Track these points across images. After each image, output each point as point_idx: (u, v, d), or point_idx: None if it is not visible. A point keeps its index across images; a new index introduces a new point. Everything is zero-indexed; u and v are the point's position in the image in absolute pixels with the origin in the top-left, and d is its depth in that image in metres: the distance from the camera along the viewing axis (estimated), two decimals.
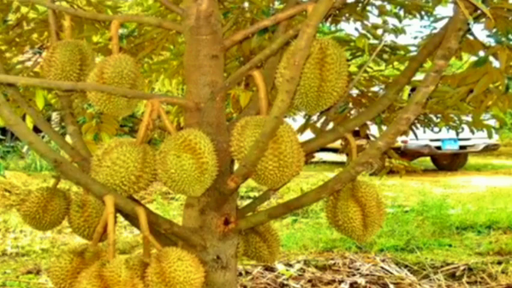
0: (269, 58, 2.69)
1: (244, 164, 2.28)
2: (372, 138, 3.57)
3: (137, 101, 2.52)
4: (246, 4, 3.28)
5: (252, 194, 9.67)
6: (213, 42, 2.54)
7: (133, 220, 2.60)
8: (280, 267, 5.81)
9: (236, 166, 2.49)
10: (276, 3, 3.59)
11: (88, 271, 2.18)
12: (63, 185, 3.03)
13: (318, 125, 3.05)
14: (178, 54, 3.75)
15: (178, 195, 9.37)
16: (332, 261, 6.09)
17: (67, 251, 2.44)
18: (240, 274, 5.44)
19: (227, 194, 2.51)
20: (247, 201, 2.99)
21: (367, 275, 5.67)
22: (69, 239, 7.28)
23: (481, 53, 2.81)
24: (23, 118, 2.95)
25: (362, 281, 5.47)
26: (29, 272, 5.97)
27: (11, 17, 3.60)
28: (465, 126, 3.53)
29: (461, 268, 5.90)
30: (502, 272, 5.79)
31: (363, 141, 3.54)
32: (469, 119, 3.47)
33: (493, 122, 4.09)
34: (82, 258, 2.40)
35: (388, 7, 3.31)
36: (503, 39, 2.74)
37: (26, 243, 7.12)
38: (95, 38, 3.67)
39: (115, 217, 2.31)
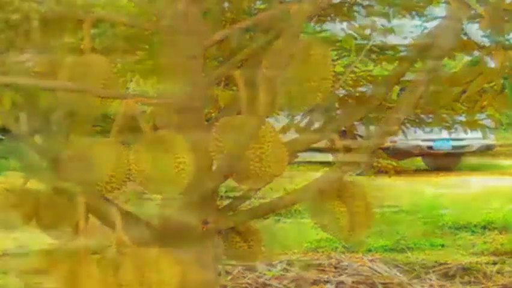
0: (250, 58, 2.65)
1: (223, 164, 2.24)
2: (359, 139, 3.53)
3: (110, 100, 2.47)
4: (227, 4, 3.22)
5: (231, 194, 9.54)
6: (191, 42, 2.50)
7: (106, 220, 2.55)
8: (262, 267, 5.72)
9: (215, 166, 2.42)
10: (258, 2, 3.54)
11: (59, 271, 2.14)
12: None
13: (302, 125, 3.01)
14: (153, 54, 3.68)
15: (155, 195, 9.30)
16: (317, 261, 6.02)
17: (37, 251, 2.43)
18: (220, 274, 5.35)
19: (206, 194, 2.47)
20: (227, 201, 2.98)
21: (354, 274, 5.59)
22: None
23: (476, 53, 2.79)
24: None
25: (348, 280, 5.40)
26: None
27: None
28: (459, 127, 3.49)
29: (454, 268, 5.86)
30: (497, 273, 5.74)
31: (350, 142, 3.50)
32: (463, 119, 3.43)
33: (488, 122, 4.06)
34: (53, 258, 2.36)
35: (376, 7, 3.25)
36: (499, 38, 2.70)
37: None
38: (66, 38, 3.62)
39: (87, 217, 2.29)
